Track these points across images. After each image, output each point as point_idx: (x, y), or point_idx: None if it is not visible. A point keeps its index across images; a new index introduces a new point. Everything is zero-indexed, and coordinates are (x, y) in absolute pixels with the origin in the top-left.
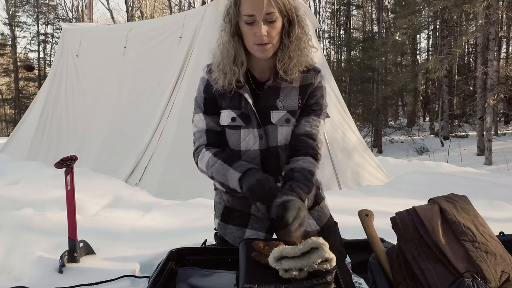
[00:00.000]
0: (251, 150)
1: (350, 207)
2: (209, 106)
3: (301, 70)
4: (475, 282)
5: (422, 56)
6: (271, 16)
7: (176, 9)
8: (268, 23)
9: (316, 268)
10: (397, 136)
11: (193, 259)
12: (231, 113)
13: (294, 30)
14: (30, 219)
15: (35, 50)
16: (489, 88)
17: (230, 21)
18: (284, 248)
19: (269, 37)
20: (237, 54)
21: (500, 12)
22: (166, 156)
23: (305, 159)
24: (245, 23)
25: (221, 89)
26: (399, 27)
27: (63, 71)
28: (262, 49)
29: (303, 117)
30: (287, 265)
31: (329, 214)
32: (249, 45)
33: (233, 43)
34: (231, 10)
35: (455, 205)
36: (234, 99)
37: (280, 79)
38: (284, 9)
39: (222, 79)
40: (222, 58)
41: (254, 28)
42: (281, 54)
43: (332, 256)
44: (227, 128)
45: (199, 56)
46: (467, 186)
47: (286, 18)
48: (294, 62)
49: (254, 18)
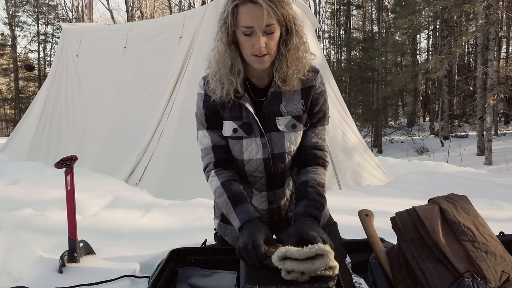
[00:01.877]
0: (253, 159)
1: (350, 207)
2: (211, 121)
3: (300, 77)
4: (475, 282)
5: (422, 56)
6: (270, 28)
7: (176, 9)
8: (266, 34)
9: (318, 273)
10: (397, 136)
11: (193, 259)
12: (232, 124)
13: (292, 39)
14: (30, 219)
15: (35, 50)
16: (489, 88)
17: (227, 30)
18: (289, 249)
19: (267, 48)
20: (233, 64)
21: (500, 12)
22: (166, 156)
23: (315, 170)
24: (243, 34)
25: (219, 99)
26: (399, 27)
27: (63, 71)
28: (259, 60)
29: (310, 129)
30: (290, 266)
31: (329, 214)
32: (246, 56)
33: (229, 52)
34: (228, 20)
35: (455, 205)
36: (235, 109)
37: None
38: (282, 20)
39: (220, 89)
40: (219, 68)
41: (252, 39)
42: (278, 63)
43: (335, 264)
44: (230, 139)
45: (199, 56)
46: (467, 186)
47: (284, 28)
48: (292, 70)
49: (253, 30)
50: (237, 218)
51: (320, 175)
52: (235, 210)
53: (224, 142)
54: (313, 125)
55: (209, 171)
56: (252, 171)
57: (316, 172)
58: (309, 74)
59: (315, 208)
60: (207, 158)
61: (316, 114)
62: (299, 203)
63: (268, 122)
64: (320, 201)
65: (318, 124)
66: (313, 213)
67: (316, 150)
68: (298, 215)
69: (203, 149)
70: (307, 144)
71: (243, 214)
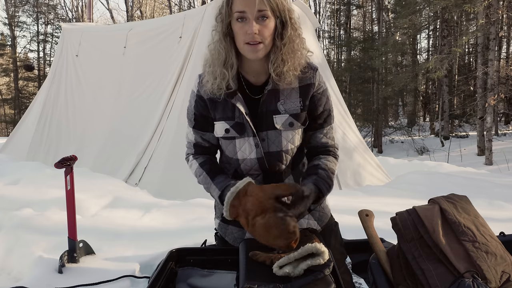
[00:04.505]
0: (248, 159)
1: (350, 207)
2: (198, 123)
3: (296, 74)
4: (476, 282)
5: (422, 56)
6: (263, 13)
7: (176, 9)
8: (259, 21)
9: (310, 264)
10: (397, 136)
11: (193, 259)
12: (224, 124)
13: (286, 32)
14: (30, 219)
15: (34, 50)
16: (490, 88)
17: (222, 20)
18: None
19: (261, 35)
20: (227, 56)
21: (500, 12)
22: (166, 156)
23: (326, 157)
24: (236, 21)
25: (210, 93)
26: (399, 27)
27: (63, 71)
28: (253, 48)
29: (318, 130)
30: (281, 262)
31: (330, 214)
32: (240, 45)
33: (224, 44)
34: (223, 10)
35: (455, 205)
36: (227, 108)
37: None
38: (277, 9)
39: (211, 82)
40: (213, 59)
41: (245, 26)
42: (273, 56)
43: (324, 249)
44: (222, 139)
45: (199, 56)
46: (467, 186)
47: (279, 20)
48: (287, 66)
49: (245, 15)
50: (216, 188)
51: (331, 163)
52: (214, 182)
53: (206, 144)
54: (320, 126)
55: (188, 157)
56: (248, 170)
57: (328, 159)
58: (306, 71)
59: (323, 184)
60: (188, 150)
61: (321, 115)
62: (307, 179)
63: (265, 120)
64: (329, 183)
65: (325, 124)
66: (320, 186)
67: (327, 147)
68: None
69: (187, 142)
70: (317, 145)
71: (222, 183)
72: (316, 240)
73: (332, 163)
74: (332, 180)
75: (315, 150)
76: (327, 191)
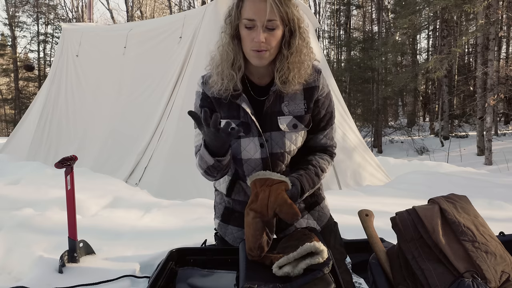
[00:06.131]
0: (252, 159)
1: (350, 207)
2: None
3: (301, 82)
4: (475, 282)
5: (422, 56)
6: (272, 24)
7: (176, 9)
8: (268, 30)
9: (309, 263)
10: (397, 136)
11: (193, 259)
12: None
13: (294, 41)
14: (30, 219)
15: (35, 50)
16: (489, 88)
17: (231, 23)
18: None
19: (267, 44)
20: (235, 58)
21: (500, 12)
22: (166, 156)
23: (321, 155)
24: (245, 27)
25: (217, 94)
26: (399, 27)
27: (63, 71)
28: (258, 55)
29: (320, 131)
30: (281, 263)
31: (329, 214)
32: (246, 50)
33: (232, 46)
34: (232, 12)
35: (455, 205)
36: (232, 108)
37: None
38: (286, 18)
39: (220, 83)
40: (222, 61)
41: (252, 33)
42: (279, 64)
43: (322, 248)
44: None
45: (199, 56)
46: (467, 186)
47: (287, 28)
48: (293, 74)
49: (254, 23)
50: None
51: (324, 161)
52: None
53: None
54: (322, 128)
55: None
56: (251, 170)
57: (322, 157)
58: (311, 72)
59: (306, 180)
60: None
61: (324, 118)
62: (295, 172)
63: (269, 121)
64: (314, 180)
65: (327, 126)
66: (302, 181)
67: (325, 147)
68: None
69: (196, 146)
70: (317, 145)
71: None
72: (315, 239)
73: (325, 161)
74: (320, 177)
75: (313, 150)
76: (309, 188)
